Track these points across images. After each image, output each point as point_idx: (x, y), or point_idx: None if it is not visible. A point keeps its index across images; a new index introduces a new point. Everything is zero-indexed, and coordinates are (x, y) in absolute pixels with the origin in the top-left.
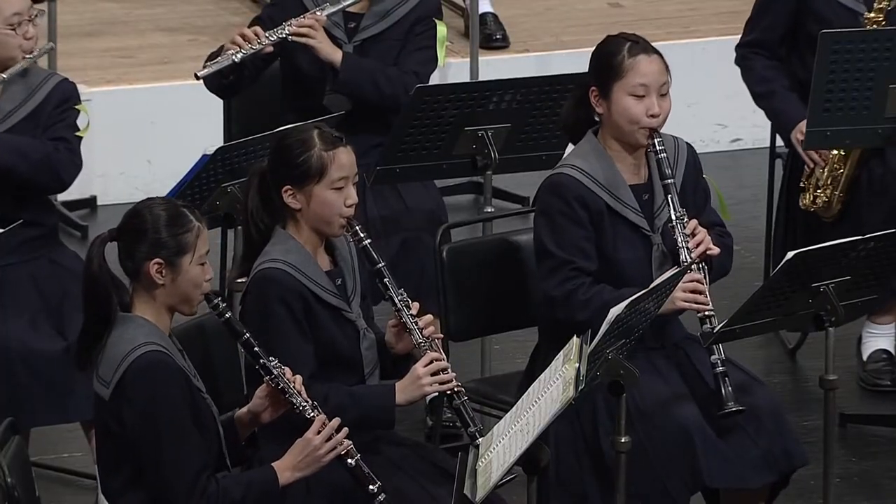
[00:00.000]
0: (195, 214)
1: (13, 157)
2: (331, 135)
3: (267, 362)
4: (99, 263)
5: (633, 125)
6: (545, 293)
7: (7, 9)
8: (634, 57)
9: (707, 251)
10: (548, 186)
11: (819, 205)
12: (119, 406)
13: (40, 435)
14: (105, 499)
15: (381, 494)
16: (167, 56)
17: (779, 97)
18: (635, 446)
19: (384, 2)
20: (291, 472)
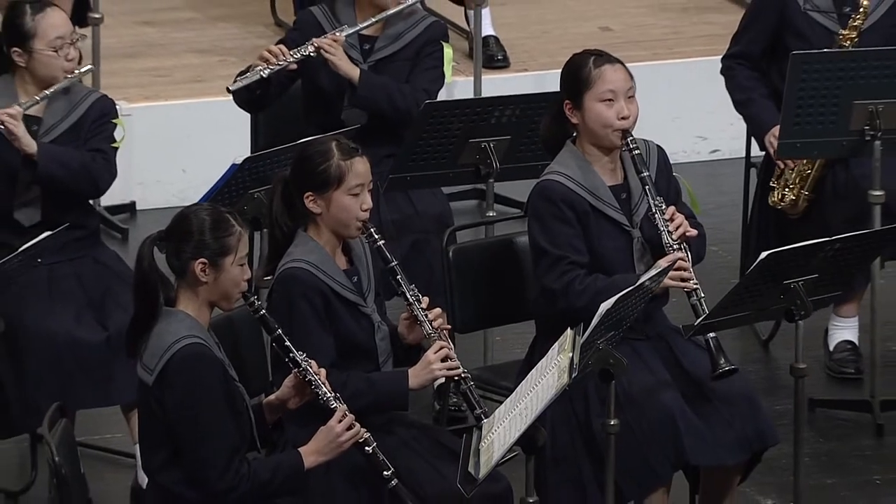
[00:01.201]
0: (237, 220)
1: (54, 166)
2: (348, 146)
3: (296, 356)
4: (149, 262)
5: (607, 128)
6: (545, 287)
7: (51, 33)
8: (600, 67)
9: (686, 233)
10: (538, 192)
11: (787, 202)
12: (161, 392)
13: (85, 418)
14: (145, 475)
15: (394, 479)
16: (200, 75)
17: (756, 104)
18: (623, 428)
19: (396, 26)
20: (315, 456)
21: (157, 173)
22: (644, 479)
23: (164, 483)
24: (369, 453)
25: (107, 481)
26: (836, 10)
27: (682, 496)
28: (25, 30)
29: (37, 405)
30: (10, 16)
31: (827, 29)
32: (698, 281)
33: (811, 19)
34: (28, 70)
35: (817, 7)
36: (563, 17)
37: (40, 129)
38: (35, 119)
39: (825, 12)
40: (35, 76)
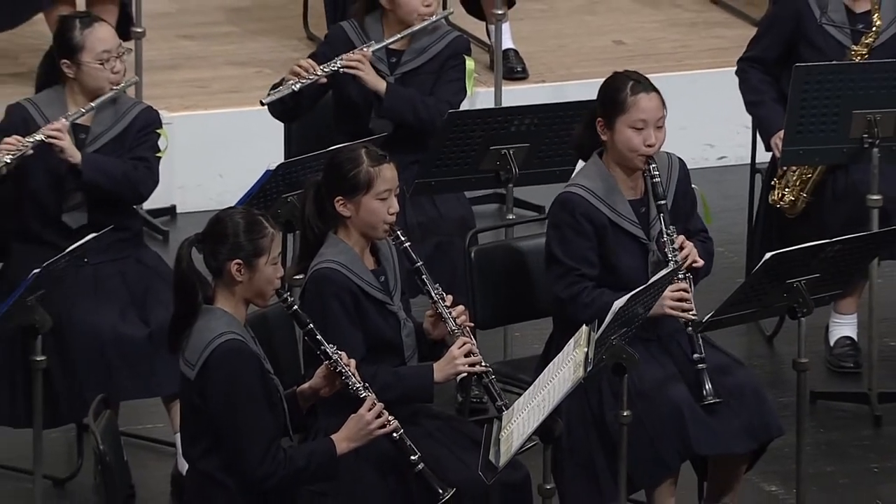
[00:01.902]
0: (270, 222)
1: (98, 175)
2: (376, 153)
3: (327, 348)
4: (187, 263)
5: (633, 153)
6: (555, 295)
7: (98, 46)
8: (636, 95)
9: (693, 263)
10: (559, 203)
11: (786, 202)
12: (203, 385)
13: (128, 409)
14: (185, 462)
15: (420, 464)
16: (236, 86)
17: (766, 107)
18: (635, 420)
19: (421, 40)
20: (347, 443)
21: (196, 178)
22: (654, 469)
23: (204, 470)
24: (396, 440)
25: (148, 468)
26: (850, 25)
27: (690, 483)
28: (74, 43)
29: (83, 397)
30: (61, 30)
31: (840, 43)
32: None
33: (826, 32)
34: (77, 81)
35: (832, 21)
36: (578, 31)
37: (88, 138)
38: (83, 128)
39: (839, 26)
40: (83, 87)
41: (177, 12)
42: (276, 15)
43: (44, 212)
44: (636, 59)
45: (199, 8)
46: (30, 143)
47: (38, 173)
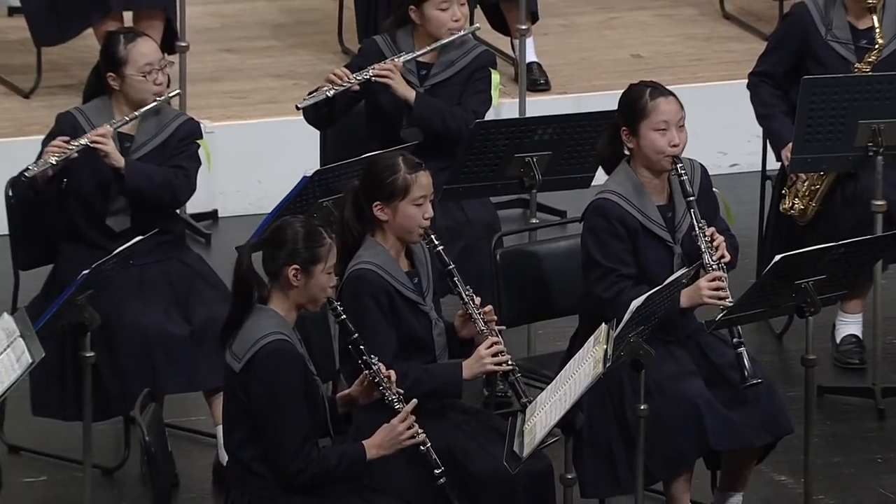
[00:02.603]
0: (328, 232)
1: (139, 180)
2: (413, 160)
3: (369, 359)
4: (247, 265)
5: (659, 154)
6: (596, 296)
7: (141, 60)
8: (655, 100)
9: (722, 258)
10: (594, 209)
11: (796, 211)
12: (247, 379)
13: (172, 402)
14: (226, 451)
15: (443, 478)
16: (275, 97)
17: (776, 120)
18: (653, 414)
19: (450, 53)
20: (377, 449)
21: (236, 184)
22: (671, 462)
23: (243, 459)
24: (423, 452)
25: (191, 459)
26: (854, 42)
27: (703, 472)
28: (118, 57)
29: (130, 391)
30: (106, 45)
31: (845, 59)
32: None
33: (831, 48)
34: (122, 93)
35: (837, 38)
36: (598, 45)
37: (132, 146)
38: (128, 137)
39: (844, 43)
40: (128, 98)
41: (219, 27)
42: (312, 30)
43: (90, 214)
44: (653, 72)
45: (240, 23)
46: (75, 147)
47: (85, 177)
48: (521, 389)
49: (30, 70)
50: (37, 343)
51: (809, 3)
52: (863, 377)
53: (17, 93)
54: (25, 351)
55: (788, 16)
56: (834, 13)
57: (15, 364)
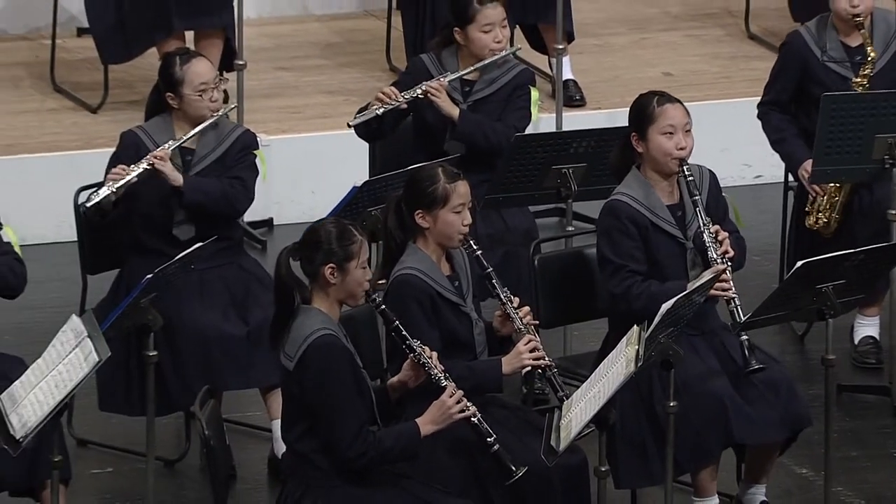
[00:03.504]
0: (358, 230)
1: (198, 195)
2: (452, 171)
3: (411, 342)
4: (286, 269)
5: (667, 157)
6: (608, 290)
7: (196, 80)
8: (662, 105)
9: (725, 253)
10: (606, 210)
11: (820, 225)
12: (300, 375)
13: (230, 398)
14: (283, 445)
15: (496, 444)
16: (327, 112)
17: (789, 143)
18: (682, 410)
19: (492, 72)
20: (430, 425)
21: (290, 194)
22: (699, 455)
23: (301, 452)
24: (475, 423)
25: (248, 452)
26: (849, 59)
27: (729, 466)
28: (175, 78)
29: (190, 388)
30: (164, 66)
31: (842, 76)
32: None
33: (829, 69)
34: (181, 110)
35: (833, 58)
36: (631, 64)
37: (193, 159)
38: (189, 150)
39: (840, 62)
40: (186, 115)
41: (274, 47)
42: (361, 49)
43: (155, 227)
44: (682, 89)
45: (294, 43)
46: (135, 172)
47: (150, 194)
48: (557, 384)
49: (97, 87)
50: (103, 343)
51: (802, 29)
52: (879, 376)
53: (86, 108)
54: (93, 350)
55: (785, 45)
56: (826, 35)
57: (83, 363)
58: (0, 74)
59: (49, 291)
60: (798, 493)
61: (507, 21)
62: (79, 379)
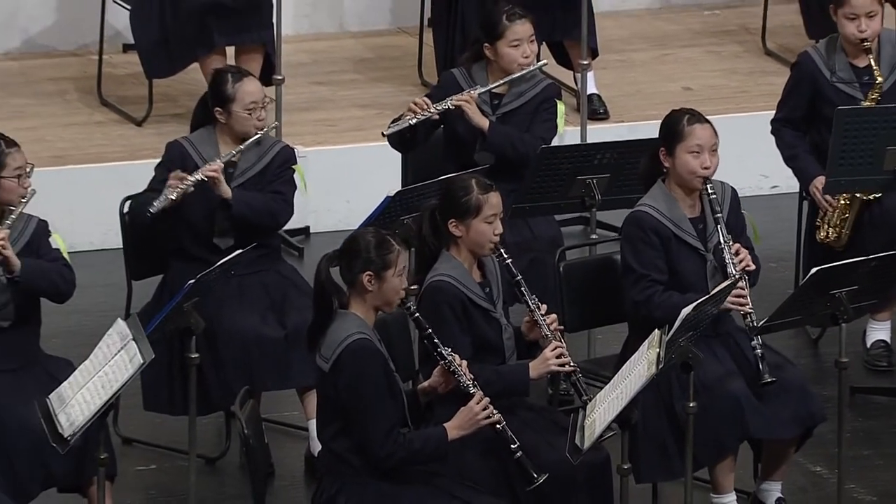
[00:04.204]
0: (397, 240)
1: (244, 208)
2: (485, 182)
3: (443, 350)
4: (326, 275)
5: (692, 175)
6: (630, 298)
7: (246, 98)
8: (692, 125)
9: (746, 267)
10: (631, 220)
11: (831, 238)
12: (335, 377)
13: (268, 398)
14: (318, 444)
15: (519, 452)
16: (361, 125)
17: (801, 159)
18: (700, 409)
19: (520, 86)
20: (457, 430)
21: (326, 203)
22: (716, 450)
23: (335, 450)
24: (499, 430)
25: (285, 450)
26: (857, 80)
27: (746, 463)
28: (227, 95)
29: (230, 388)
30: (215, 82)
31: (852, 97)
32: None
33: (838, 89)
34: (227, 125)
35: (842, 79)
36: (652, 78)
37: (235, 172)
38: (231, 164)
39: (849, 83)
40: (232, 131)
41: (311, 63)
42: (394, 64)
43: (198, 236)
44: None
45: (330, 59)
46: (191, 182)
47: (195, 206)
48: (582, 388)
49: (142, 101)
50: (147, 345)
51: (812, 51)
52: (891, 378)
53: (131, 121)
54: (137, 353)
55: (795, 65)
56: (836, 57)
57: (128, 364)
58: (49, 89)
59: (96, 296)
60: (812, 490)
61: (534, 37)
62: (124, 380)
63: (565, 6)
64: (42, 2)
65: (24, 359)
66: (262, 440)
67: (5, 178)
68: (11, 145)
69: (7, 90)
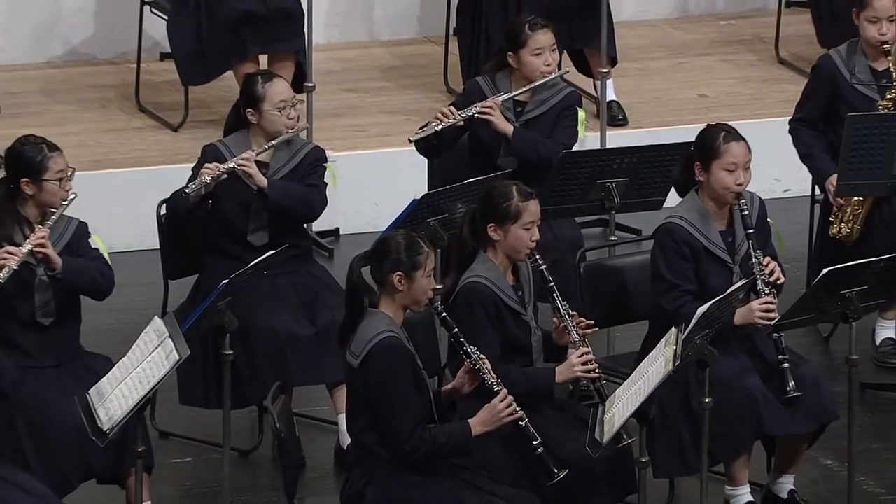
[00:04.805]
0: (426, 242)
1: (281, 196)
2: (525, 190)
3: (469, 349)
4: (357, 275)
5: (725, 191)
6: (660, 306)
7: (276, 97)
8: (728, 143)
9: (777, 280)
10: (664, 230)
11: (843, 234)
12: (364, 373)
13: (299, 393)
14: (347, 437)
15: (541, 448)
16: (389, 131)
17: (817, 158)
18: (716, 405)
19: (542, 94)
20: (481, 427)
21: (355, 206)
22: (731, 446)
23: (364, 444)
24: (522, 427)
25: (316, 443)
26: (875, 82)
27: (760, 457)
28: (257, 95)
29: (263, 384)
30: (246, 84)
31: (869, 98)
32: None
33: (857, 91)
34: (259, 126)
35: (861, 81)
36: (669, 86)
37: (268, 172)
38: (264, 164)
39: (867, 84)
40: (264, 131)
41: (341, 70)
42: (421, 72)
43: (233, 232)
44: (717, 110)
45: (359, 67)
46: (225, 168)
47: (230, 202)
48: (604, 395)
49: (178, 107)
50: (183, 342)
51: (833, 53)
52: None
53: (168, 127)
54: (173, 349)
55: (816, 67)
56: (855, 59)
57: (164, 361)
58: (90, 96)
59: (133, 295)
60: (823, 483)
61: (556, 46)
62: (161, 375)
63: (586, 16)
64: (83, 12)
65: (65, 355)
66: (294, 434)
67: (47, 181)
68: (54, 150)
69: (50, 97)
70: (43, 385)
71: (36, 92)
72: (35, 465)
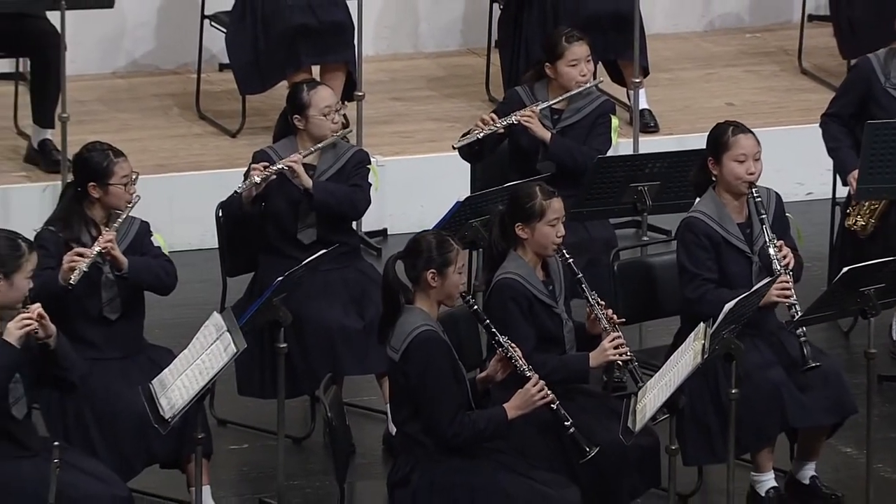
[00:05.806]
0: (455, 240)
1: (326, 195)
2: (547, 189)
3: (500, 339)
4: (393, 273)
5: (738, 181)
6: (685, 295)
7: (321, 103)
8: (736, 136)
9: (789, 263)
10: (685, 225)
11: (858, 225)
12: (405, 365)
13: (349, 383)
14: (394, 426)
15: (572, 428)
16: (434, 137)
17: (843, 152)
18: (743, 397)
19: (578, 102)
20: (516, 411)
21: (402, 208)
22: (758, 437)
23: (408, 432)
24: (554, 409)
25: (365, 431)
26: None
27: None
28: (303, 102)
29: (315, 374)
30: (292, 93)
31: None
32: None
33: (889, 94)
34: (305, 131)
35: (895, 85)
36: (698, 95)
37: (315, 174)
38: (311, 167)
39: None
40: (310, 135)
41: (389, 80)
42: (464, 82)
43: (284, 231)
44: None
45: (406, 77)
46: (274, 170)
47: (280, 202)
48: (637, 375)
49: (236, 115)
50: (240, 336)
51: (872, 57)
52: None
53: (226, 133)
54: (231, 343)
55: (855, 67)
56: (892, 63)
57: (223, 353)
58: (153, 104)
59: (193, 292)
60: (843, 469)
61: (591, 57)
62: (219, 367)
63: (619, 29)
64: (146, 26)
65: (129, 348)
66: (344, 422)
67: (113, 184)
68: (119, 155)
69: (115, 105)
70: (109, 376)
71: (102, 101)
72: (102, 451)
